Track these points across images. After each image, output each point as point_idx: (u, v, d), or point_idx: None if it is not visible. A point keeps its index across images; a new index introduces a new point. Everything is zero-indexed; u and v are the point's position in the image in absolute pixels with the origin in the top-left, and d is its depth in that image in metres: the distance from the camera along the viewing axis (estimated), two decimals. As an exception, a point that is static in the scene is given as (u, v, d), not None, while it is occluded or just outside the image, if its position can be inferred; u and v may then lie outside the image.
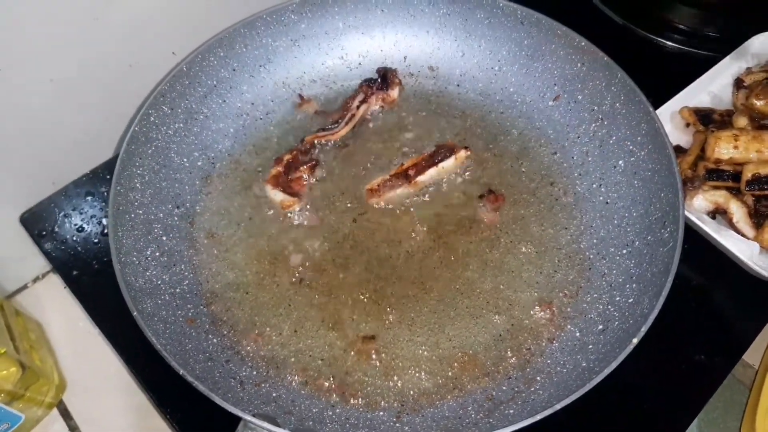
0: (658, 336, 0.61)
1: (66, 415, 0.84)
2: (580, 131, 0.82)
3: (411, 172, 0.80)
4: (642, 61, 0.77)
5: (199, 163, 0.81)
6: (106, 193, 0.87)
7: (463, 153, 0.82)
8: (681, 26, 1.03)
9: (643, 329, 0.60)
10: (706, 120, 0.87)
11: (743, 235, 0.78)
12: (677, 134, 0.88)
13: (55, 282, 0.94)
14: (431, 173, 0.80)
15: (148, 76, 0.87)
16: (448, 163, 0.81)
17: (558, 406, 0.55)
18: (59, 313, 0.91)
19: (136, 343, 0.66)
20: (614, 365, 0.58)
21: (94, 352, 0.87)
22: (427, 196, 0.81)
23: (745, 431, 0.98)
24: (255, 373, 0.67)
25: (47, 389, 0.82)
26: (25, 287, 0.94)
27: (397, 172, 0.81)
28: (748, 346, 0.77)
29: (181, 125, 0.79)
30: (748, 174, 0.79)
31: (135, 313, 0.60)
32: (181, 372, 0.57)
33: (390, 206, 0.80)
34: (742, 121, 0.85)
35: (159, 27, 0.85)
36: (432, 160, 0.81)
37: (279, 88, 0.88)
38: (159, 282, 0.69)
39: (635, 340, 0.59)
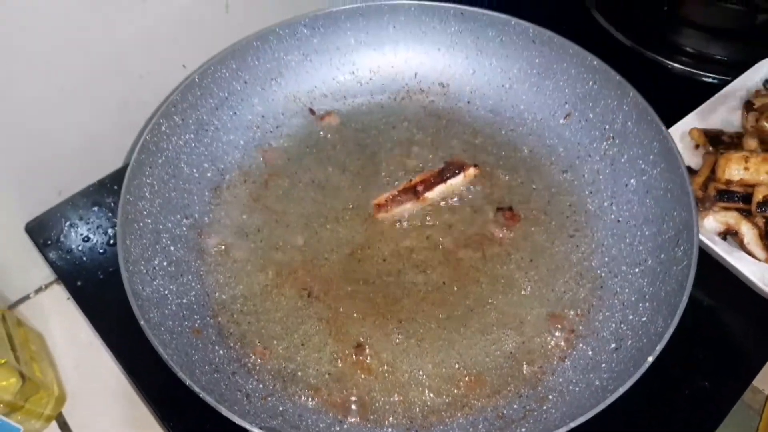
0: (666, 359, 0.60)
1: (65, 428, 0.83)
2: (591, 149, 0.82)
3: (419, 188, 0.80)
4: (649, 83, 0.77)
5: (209, 174, 0.81)
6: (112, 204, 0.86)
7: (472, 170, 0.81)
8: (688, 48, 1.03)
9: (659, 348, 0.59)
10: (716, 141, 0.88)
11: (754, 256, 0.77)
12: (686, 155, 0.87)
13: (58, 293, 0.93)
14: (440, 189, 0.80)
15: (157, 87, 0.87)
16: (457, 180, 0.81)
17: (573, 424, 0.54)
18: (61, 325, 0.90)
19: (138, 355, 0.65)
20: (629, 383, 0.57)
21: (96, 364, 0.86)
22: (436, 211, 0.80)
23: (756, 458, 0.97)
24: (261, 386, 0.66)
25: (47, 401, 0.81)
26: (27, 297, 0.93)
27: (406, 187, 0.80)
28: (759, 370, 0.75)
29: (192, 136, 0.79)
30: (759, 196, 0.79)
31: (142, 322, 0.59)
32: (188, 383, 0.56)
33: (398, 221, 0.79)
34: (752, 143, 0.85)
35: (170, 39, 0.85)
36: (441, 177, 0.80)
37: (290, 102, 0.88)
38: (166, 292, 0.68)
39: (650, 359, 0.58)
